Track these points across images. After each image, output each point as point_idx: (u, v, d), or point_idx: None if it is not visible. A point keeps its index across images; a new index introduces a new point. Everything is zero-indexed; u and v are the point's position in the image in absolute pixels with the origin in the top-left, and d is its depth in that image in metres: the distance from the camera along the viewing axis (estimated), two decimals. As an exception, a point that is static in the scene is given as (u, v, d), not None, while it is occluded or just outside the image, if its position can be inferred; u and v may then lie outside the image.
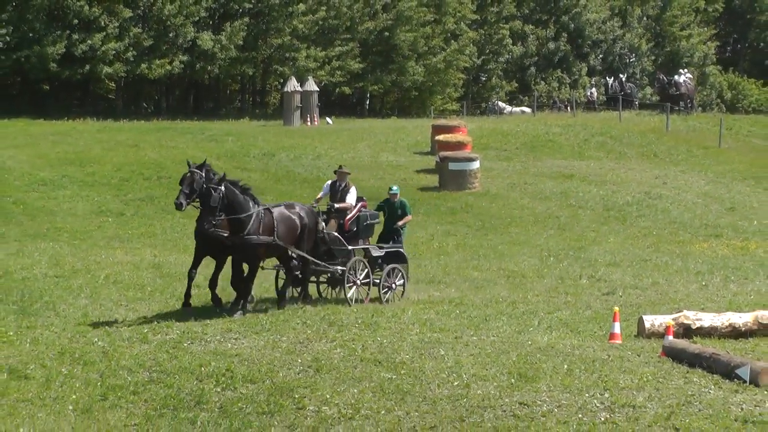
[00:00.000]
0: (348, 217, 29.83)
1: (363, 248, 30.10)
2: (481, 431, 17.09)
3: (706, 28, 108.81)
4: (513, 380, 20.38)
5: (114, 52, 73.32)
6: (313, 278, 30.11)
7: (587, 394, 19.10)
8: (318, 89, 72.23)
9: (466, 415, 18.04)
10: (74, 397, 19.71)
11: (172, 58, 75.99)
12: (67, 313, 27.58)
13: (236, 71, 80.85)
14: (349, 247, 29.36)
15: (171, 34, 76.05)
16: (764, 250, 42.35)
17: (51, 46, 71.04)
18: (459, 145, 57.58)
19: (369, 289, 29.63)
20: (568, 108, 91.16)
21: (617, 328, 25.03)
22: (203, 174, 27.31)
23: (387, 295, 29.64)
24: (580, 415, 17.96)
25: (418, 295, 30.86)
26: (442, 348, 23.26)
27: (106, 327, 25.84)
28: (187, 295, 27.38)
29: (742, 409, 18.38)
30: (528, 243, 42.39)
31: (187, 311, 26.34)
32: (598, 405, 18.56)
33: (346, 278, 28.84)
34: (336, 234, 29.48)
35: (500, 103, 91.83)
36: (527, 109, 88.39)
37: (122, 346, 22.62)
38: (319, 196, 30.67)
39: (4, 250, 37.22)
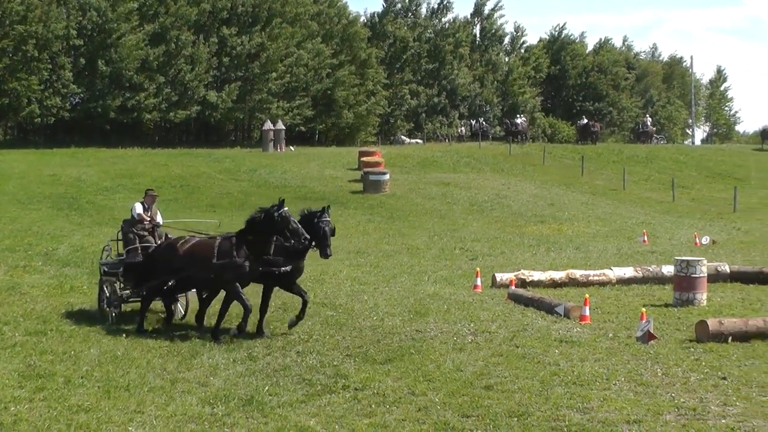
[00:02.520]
0: None
1: None
2: (391, 349, 17.02)
3: (535, 88, 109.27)
4: (411, 316, 20.39)
5: (152, 104, 73.18)
6: None
7: (459, 325, 19.09)
8: (284, 128, 72.10)
9: (381, 338, 17.99)
10: (126, 329, 19.60)
11: (189, 108, 75.84)
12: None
13: (232, 116, 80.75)
14: None
15: (189, 92, 75.80)
16: (572, 231, 42.53)
17: (111, 101, 70.93)
18: (376, 164, 57.60)
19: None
20: (447, 140, 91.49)
21: (479, 282, 25.09)
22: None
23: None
24: (455, 338, 17.95)
25: (350, 262, 30.83)
26: (366, 295, 23.32)
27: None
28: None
29: (559, 333, 18.42)
30: (420, 227, 42.37)
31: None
32: (466, 331, 18.55)
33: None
34: None
35: (402, 137, 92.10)
36: (420, 141, 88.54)
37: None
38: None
39: (81, 233, 37.15)
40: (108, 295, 21.01)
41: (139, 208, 22.54)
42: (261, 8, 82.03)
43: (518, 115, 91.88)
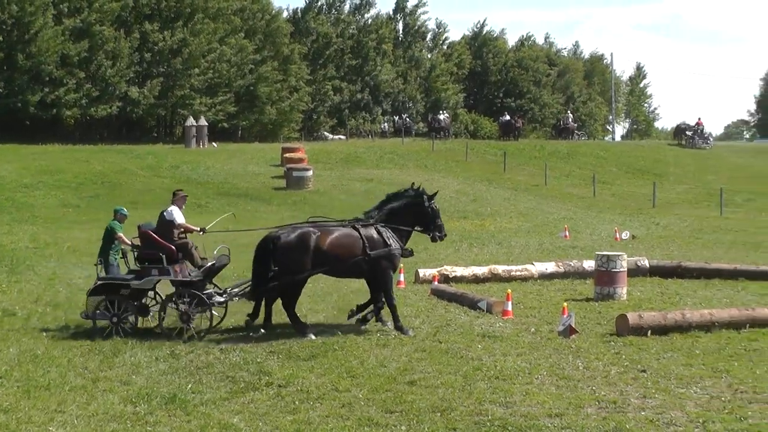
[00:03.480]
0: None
1: None
2: (314, 346, 16.98)
3: (457, 84, 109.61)
4: (335, 312, 20.47)
5: (73, 99, 72.13)
6: None
7: (384, 319, 19.12)
8: (207, 124, 71.66)
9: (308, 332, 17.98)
10: (47, 327, 19.35)
11: (111, 104, 74.87)
12: (42, 272, 27.22)
13: (154, 112, 79.86)
14: None
15: (110, 88, 74.83)
16: (494, 226, 42.83)
17: (31, 96, 69.79)
18: (299, 160, 57.54)
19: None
20: (370, 136, 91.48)
21: (402, 278, 25.18)
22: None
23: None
24: (378, 335, 18.00)
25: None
26: (289, 291, 23.18)
27: (68, 281, 25.50)
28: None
29: (482, 328, 18.55)
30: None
31: None
32: (390, 326, 18.60)
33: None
34: None
35: (326, 133, 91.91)
36: (343, 137, 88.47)
37: (79, 294, 22.21)
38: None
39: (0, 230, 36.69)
40: (184, 309, 18.66)
41: (178, 214, 19.84)
42: (183, 3, 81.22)
43: (441, 112, 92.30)
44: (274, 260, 18.39)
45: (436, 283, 24.55)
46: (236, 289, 19.73)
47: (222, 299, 19.30)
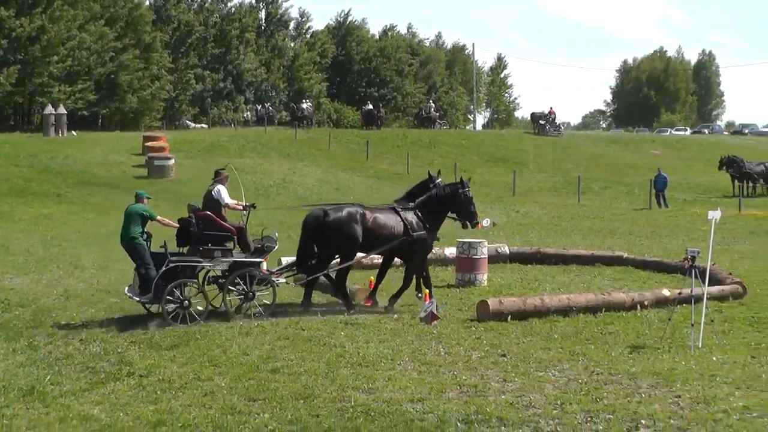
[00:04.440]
0: None
1: None
2: (176, 335, 16.81)
3: (320, 74, 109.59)
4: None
5: None
6: None
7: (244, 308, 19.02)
8: (66, 112, 70.19)
9: (167, 324, 17.76)
10: None
11: (-36, 90, 72.88)
12: None
13: (10, 100, 77.90)
14: None
15: (-37, 74, 72.82)
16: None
17: None
18: (161, 149, 56.89)
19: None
20: (233, 125, 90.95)
21: (265, 266, 24.99)
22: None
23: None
24: (241, 323, 17.89)
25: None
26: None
27: None
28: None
29: (344, 315, 18.60)
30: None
31: None
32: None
33: None
34: None
35: (188, 122, 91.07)
36: (205, 126, 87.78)
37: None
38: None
39: None
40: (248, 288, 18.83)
41: (226, 194, 19.65)
42: (41, -11, 79.52)
43: (304, 101, 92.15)
44: (324, 237, 19.14)
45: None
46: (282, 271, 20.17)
47: (283, 279, 19.90)
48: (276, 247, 19.87)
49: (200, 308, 18.55)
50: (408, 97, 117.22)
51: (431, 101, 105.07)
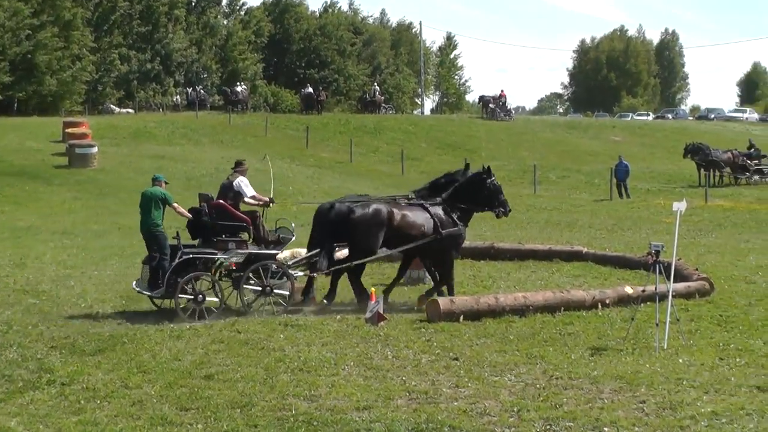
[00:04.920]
0: None
1: None
2: (101, 339, 16.67)
3: (256, 54, 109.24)
4: (124, 302, 20.30)
5: None
6: None
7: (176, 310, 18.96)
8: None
9: (91, 327, 17.64)
10: None
11: None
12: None
13: None
14: None
15: None
16: (297, 207, 42.85)
17: None
18: (83, 136, 56.41)
19: None
20: (161, 109, 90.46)
21: (197, 263, 24.95)
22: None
23: None
24: (172, 325, 17.79)
25: (54, 243, 30.16)
26: (73, 280, 22.94)
27: None
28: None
29: (284, 316, 18.56)
30: (133, 204, 40.92)
31: None
32: (183, 317, 18.45)
33: None
34: None
35: (112, 106, 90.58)
36: (131, 111, 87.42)
37: None
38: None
39: None
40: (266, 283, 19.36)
41: (249, 186, 20.16)
42: (-52, -39, 78.69)
43: (238, 83, 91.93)
44: (347, 235, 19.63)
45: (234, 268, 24.38)
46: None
47: (300, 272, 20.10)
48: (293, 239, 20.27)
49: (215, 302, 18.89)
50: (351, 79, 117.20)
51: (376, 84, 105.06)
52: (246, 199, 19.88)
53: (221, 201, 19.48)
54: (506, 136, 77.87)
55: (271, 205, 20.52)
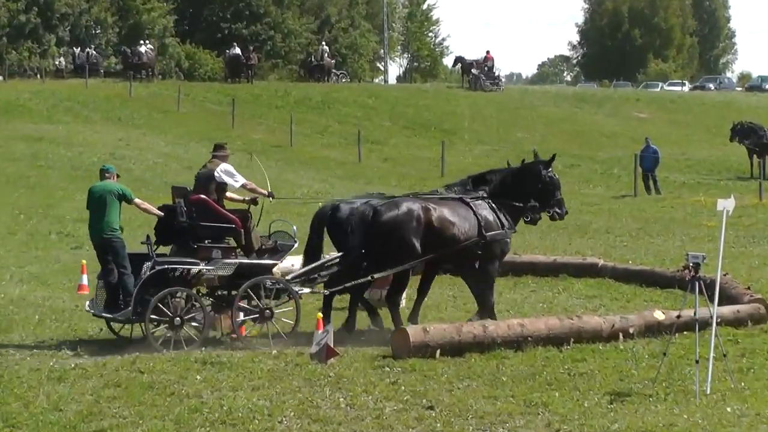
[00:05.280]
0: None
1: None
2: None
3: (165, 3, 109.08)
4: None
5: None
6: None
7: (58, 343, 18.85)
8: None
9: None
10: None
11: None
12: None
13: None
14: None
15: None
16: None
17: None
18: (-67, 110, 56.31)
19: None
20: (39, 76, 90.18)
21: (85, 280, 24.91)
22: None
23: None
24: (53, 363, 17.63)
25: None
26: None
27: None
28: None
29: (203, 351, 18.46)
30: (4, 206, 41.60)
31: None
32: (68, 353, 18.32)
33: None
34: None
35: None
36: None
37: None
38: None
39: None
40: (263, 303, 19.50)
41: (235, 173, 20.00)
42: None
43: (142, 42, 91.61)
44: (372, 242, 19.82)
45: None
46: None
47: (306, 289, 20.32)
48: (295, 245, 20.30)
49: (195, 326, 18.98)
50: (291, 37, 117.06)
51: (324, 43, 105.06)
52: (243, 183, 19.79)
53: (202, 196, 19.26)
54: (495, 111, 78.01)
55: (271, 200, 20.59)
